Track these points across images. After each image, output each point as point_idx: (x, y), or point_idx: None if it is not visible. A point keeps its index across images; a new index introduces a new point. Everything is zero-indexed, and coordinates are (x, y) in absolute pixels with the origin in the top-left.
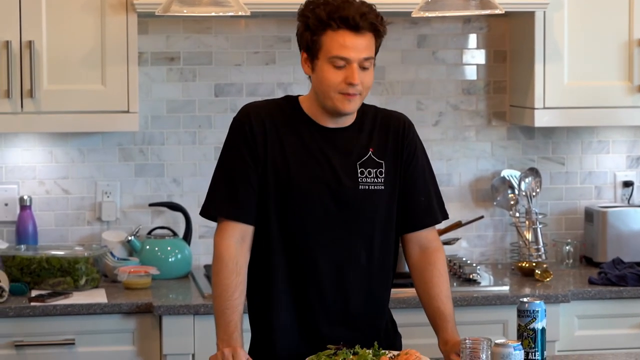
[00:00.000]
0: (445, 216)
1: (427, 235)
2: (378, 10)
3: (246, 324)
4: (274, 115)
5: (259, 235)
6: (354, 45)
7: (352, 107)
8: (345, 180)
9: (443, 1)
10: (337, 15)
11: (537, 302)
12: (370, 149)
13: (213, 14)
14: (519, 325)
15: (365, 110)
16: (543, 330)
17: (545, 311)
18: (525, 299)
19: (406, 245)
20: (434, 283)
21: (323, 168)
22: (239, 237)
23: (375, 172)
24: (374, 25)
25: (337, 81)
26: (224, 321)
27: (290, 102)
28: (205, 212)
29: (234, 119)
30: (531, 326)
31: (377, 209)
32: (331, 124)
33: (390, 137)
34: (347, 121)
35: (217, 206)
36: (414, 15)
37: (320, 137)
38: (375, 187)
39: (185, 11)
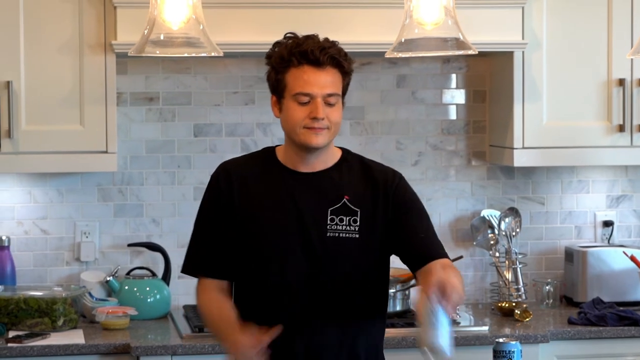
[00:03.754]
0: (447, 256)
1: (443, 263)
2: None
3: None
4: (246, 169)
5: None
6: (316, 80)
7: (320, 140)
8: (312, 227)
9: (417, 42)
10: (297, 51)
11: (513, 342)
12: (345, 197)
13: (186, 54)
14: None
15: (348, 159)
16: None
17: (521, 352)
18: (501, 339)
19: (423, 281)
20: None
21: (290, 214)
22: (217, 291)
23: (349, 219)
24: (335, 59)
25: (301, 117)
26: (225, 325)
27: (266, 153)
28: (185, 270)
29: (210, 176)
30: None
31: (348, 258)
32: (305, 168)
33: (369, 186)
34: (321, 165)
35: (194, 264)
36: (387, 55)
37: (292, 182)
38: (347, 235)
39: (158, 52)
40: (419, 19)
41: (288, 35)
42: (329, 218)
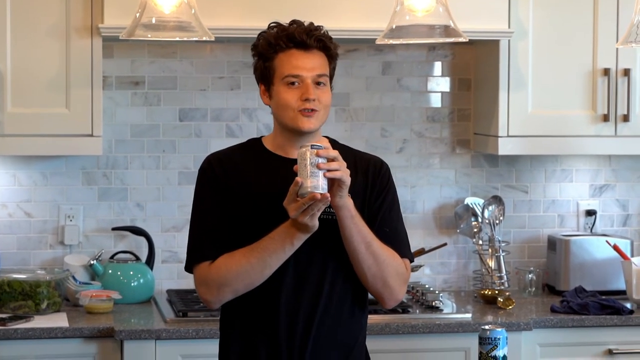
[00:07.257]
0: (410, 258)
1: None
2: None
3: None
4: (235, 157)
5: None
6: (304, 63)
7: (311, 124)
8: None
9: (407, 29)
10: (283, 35)
11: (499, 329)
12: None
13: (177, 38)
14: (480, 353)
15: (336, 146)
16: (504, 358)
17: (506, 339)
18: (486, 327)
19: None
20: None
21: (283, 199)
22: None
23: None
24: (322, 42)
25: (294, 99)
26: (264, 241)
27: (252, 143)
28: (195, 261)
29: (199, 169)
30: (492, 354)
31: (334, 239)
32: (295, 154)
33: (359, 173)
34: None
35: (203, 252)
36: (378, 42)
37: (284, 168)
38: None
39: (149, 35)
40: (410, 6)
41: (272, 24)
42: None
